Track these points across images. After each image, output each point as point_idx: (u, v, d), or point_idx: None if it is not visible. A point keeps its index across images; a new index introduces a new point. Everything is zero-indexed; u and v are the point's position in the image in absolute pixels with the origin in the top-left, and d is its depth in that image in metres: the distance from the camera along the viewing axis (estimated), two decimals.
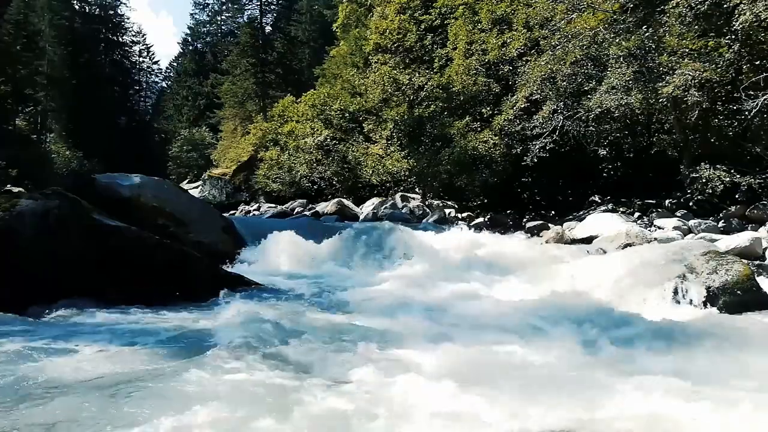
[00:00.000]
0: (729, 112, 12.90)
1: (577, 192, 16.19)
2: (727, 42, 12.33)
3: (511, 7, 17.84)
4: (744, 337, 5.28)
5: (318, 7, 44.34)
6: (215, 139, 42.45)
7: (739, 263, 6.76)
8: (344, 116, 23.28)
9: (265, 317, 5.88)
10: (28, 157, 21.95)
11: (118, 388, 3.70)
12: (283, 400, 3.53)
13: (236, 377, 3.93)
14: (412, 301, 6.91)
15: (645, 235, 11.10)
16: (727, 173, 12.39)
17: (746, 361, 4.55)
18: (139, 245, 6.98)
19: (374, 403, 3.49)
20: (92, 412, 3.32)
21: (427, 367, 4.24)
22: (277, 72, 40.03)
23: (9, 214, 6.25)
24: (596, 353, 4.65)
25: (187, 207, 10.78)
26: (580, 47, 14.30)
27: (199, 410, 3.32)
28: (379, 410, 3.37)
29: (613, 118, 14.63)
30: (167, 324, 5.59)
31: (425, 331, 5.37)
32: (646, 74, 13.28)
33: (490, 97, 18.52)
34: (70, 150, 34.86)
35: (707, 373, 4.05)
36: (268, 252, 10.45)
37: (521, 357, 4.54)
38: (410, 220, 16.41)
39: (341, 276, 9.48)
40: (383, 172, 20.24)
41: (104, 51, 50.44)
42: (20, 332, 5.15)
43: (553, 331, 5.30)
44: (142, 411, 3.34)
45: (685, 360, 4.51)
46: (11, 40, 23.88)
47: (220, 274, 7.82)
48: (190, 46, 58.40)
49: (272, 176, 27.14)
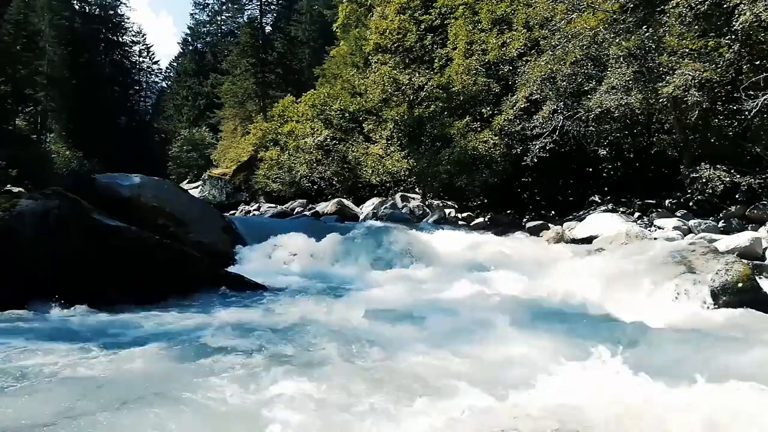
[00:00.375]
0: (729, 112, 12.89)
1: (577, 192, 16.19)
2: (727, 42, 12.32)
3: (511, 7, 17.83)
4: (744, 337, 5.27)
5: (318, 7, 44.34)
6: (215, 139, 42.46)
7: (739, 263, 6.76)
8: (344, 116, 23.29)
9: (265, 317, 5.90)
10: (28, 157, 21.95)
11: (117, 388, 3.70)
12: (283, 400, 3.53)
13: (236, 377, 3.94)
14: (411, 301, 6.92)
15: (645, 235, 11.10)
16: (727, 173, 12.39)
17: (746, 360, 4.54)
18: (139, 245, 6.99)
19: (375, 401, 3.49)
20: (92, 411, 3.32)
21: (428, 368, 4.24)
22: (277, 72, 40.04)
23: (9, 214, 6.26)
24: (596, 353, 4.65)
25: (187, 207, 10.79)
26: (580, 47, 14.30)
27: (197, 410, 3.32)
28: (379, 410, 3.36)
29: (613, 118, 14.63)
30: (167, 324, 5.59)
31: (426, 331, 5.37)
32: (646, 74, 13.28)
33: (490, 97, 18.52)
34: (70, 150, 34.86)
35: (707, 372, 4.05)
36: (269, 252, 10.46)
37: (521, 357, 4.54)
38: (410, 220, 16.41)
39: (341, 276, 9.49)
40: (383, 172, 20.24)
41: (104, 51, 50.46)
42: (20, 332, 5.16)
43: (553, 331, 5.30)
44: (142, 411, 3.34)
45: (685, 360, 4.51)
46: (11, 40, 23.89)
47: (220, 274, 7.83)
48: (190, 46, 58.41)
49: (272, 176, 27.15)
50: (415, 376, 4.05)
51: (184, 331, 5.30)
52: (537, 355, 4.55)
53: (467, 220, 16.97)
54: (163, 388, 3.70)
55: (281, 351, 4.61)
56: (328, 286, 8.52)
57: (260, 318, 5.89)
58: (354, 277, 9.42)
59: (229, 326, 5.35)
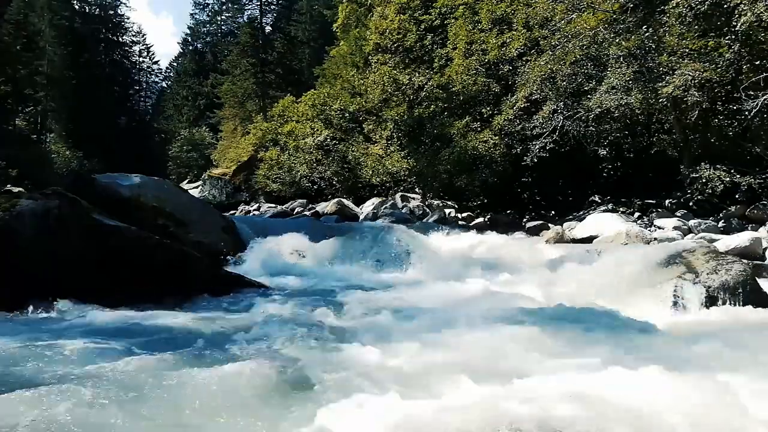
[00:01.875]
0: (729, 112, 12.90)
1: (577, 192, 16.20)
2: (727, 42, 12.32)
3: (511, 7, 17.84)
4: (744, 336, 5.27)
5: (318, 7, 44.31)
6: (215, 139, 42.46)
7: (739, 263, 6.76)
8: (344, 116, 23.29)
9: (265, 317, 5.89)
10: (28, 157, 21.92)
11: (117, 387, 3.70)
12: (282, 400, 3.53)
13: (235, 376, 3.93)
14: (412, 302, 6.92)
15: (645, 235, 11.10)
16: (727, 173, 12.39)
17: (746, 360, 4.54)
18: (139, 245, 6.98)
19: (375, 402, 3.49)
20: (91, 411, 3.32)
21: (429, 368, 4.24)
22: (277, 72, 40.02)
23: (9, 214, 6.25)
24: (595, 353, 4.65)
25: (187, 207, 10.79)
26: (580, 47, 14.30)
27: (195, 409, 3.32)
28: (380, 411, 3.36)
29: (613, 118, 14.63)
30: (167, 324, 5.59)
31: (425, 331, 5.37)
32: (646, 74, 13.28)
33: (490, 97, 18.52)
34: (70, 150, 34.84)
35: (707, 372, 4.05)
36: (269, 252, 10.45)
37: (520, 356, 4.53)
38: (410, 220, 16.41)
39: (341, 276, 9.49)
40: (383, 172, 20.24)
41: (104, 51, 50.44)
42: (20, 332, 5.16)
43: (553, 331, 5.30)
44: (141, 410, 3.34)
45: (685, 359, 4.51)
46: (11, 40, 23.85)
47: (220, 274, 7.83)
48: (190, 46, 58.38)
49: (272, 176, 27.15)
50: (414, 376, 4.05)
51: (184, 331, 5.30)
52: (535, 353, 4.55)
53: (467, 220, 16.97)
54: (162, 387, 3.70)
55: (281, 351, 4.61)
56: (327, 286, 8.52)
57: (260, 318, 5.88)
58: (353, 276, 9.42)
59: (229, 326, 5.35)
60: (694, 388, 3.53)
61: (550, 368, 4.08)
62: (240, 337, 5.02)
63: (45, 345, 4.65)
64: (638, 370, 3.75)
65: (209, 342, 4.85)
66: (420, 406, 3.38)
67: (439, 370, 4.16)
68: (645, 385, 3.59)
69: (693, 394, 3.47)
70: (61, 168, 30.77)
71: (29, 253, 6.18)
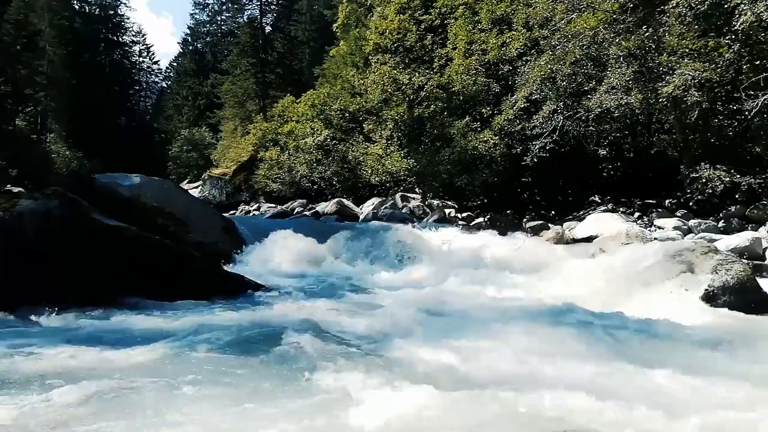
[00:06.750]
0: (729, 112, 12.88)
1: (577, 192, 16.18)
2: (727, 42, 12.31)
3: (511, 7, 17.83)
4: (744, 336, 5.28)
5: (318, 7, 44.29)
6: (215, 139, 42.45)
7: (739, 263, 6.77)
8: (344, 116, 23.28)
9: (265, 317, 5.90)
10: (28, 157, 21.90)
11: (116, 387, 3.70)
12: (282, 400, 3.53)
13: (235, 376, 3.94)
14: (412, 301, 6.92)
15: (645, 235, 11.09)
16: (727, 173, 12.38)
17: (746, 360, 4.55)
18: (139, 245, 6.99)
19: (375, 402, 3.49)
20: (90, 411, 3.32)
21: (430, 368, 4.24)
22: (277, 72, 40.02)
23: (9, 214, 6.26)
24: (595, 353, 4.65)
25: (187, 207, 10.79)
26: (580, 47, 14.29)
27: (194, 409, 3.32)
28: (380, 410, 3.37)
29: (613, 118, 14.62)
30: (166, 324, 5.59)
31: (426, 331, 5.37)
32: (646, 74, 13.28)
33: (490, 97, 18.51)
34: (70, 150, 34.80)
35: (707, 371, 4.05)
36: (269, 252, 10.46)
37: (520, 355, 4.53)
38: (410, 220, 16.41)
39: (341, 276, 9.49)
40: (383, 172, 20.22)
41: (104, 51, 50.34)
42: (20, 332, 5.16)
43: (553, 331, 5.30)
44: (141, 410, 3.34)
45: (684, 359, 4.51)
46: (11, 40, 23.84)
47: (220, 274, 7.83)
48: (190, 46, 58.35)
49: (272, 176, 27.15)
50: (415, 374, 4.05)
51: (184, 330, 5.29)
52: (534, 353, 4.55)
53: (467, 220, 16.96)
54: (162, 387, 3.70)
55: (282, 350, 4.61)
56: (327, 285, 8.53)
57: (260, 318, 5.89)
58: (353, 276, 9.43)
59: (229, 326, 5.35)
60: (697, 390, 3.54)
61: (560, 368, 4.09)
62: (240, 337, 5.02)
63: (44, 344, 4.65)
64: (638, 371, 3.75)
65: (209, 342, 4.85)
66: (425, 401, 3.38)
67: (445, 368, 4.16)
68: (645, 385, 3.60)
69: (694, 396, 3.48)
70: (61, 168, 30.73)
71: (29, 253, 6.18)
